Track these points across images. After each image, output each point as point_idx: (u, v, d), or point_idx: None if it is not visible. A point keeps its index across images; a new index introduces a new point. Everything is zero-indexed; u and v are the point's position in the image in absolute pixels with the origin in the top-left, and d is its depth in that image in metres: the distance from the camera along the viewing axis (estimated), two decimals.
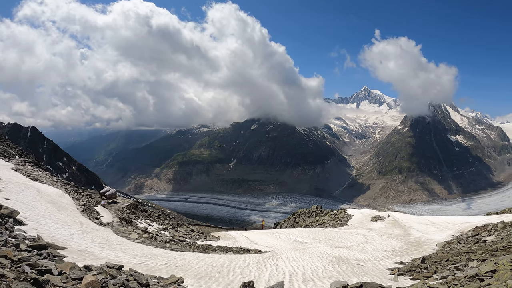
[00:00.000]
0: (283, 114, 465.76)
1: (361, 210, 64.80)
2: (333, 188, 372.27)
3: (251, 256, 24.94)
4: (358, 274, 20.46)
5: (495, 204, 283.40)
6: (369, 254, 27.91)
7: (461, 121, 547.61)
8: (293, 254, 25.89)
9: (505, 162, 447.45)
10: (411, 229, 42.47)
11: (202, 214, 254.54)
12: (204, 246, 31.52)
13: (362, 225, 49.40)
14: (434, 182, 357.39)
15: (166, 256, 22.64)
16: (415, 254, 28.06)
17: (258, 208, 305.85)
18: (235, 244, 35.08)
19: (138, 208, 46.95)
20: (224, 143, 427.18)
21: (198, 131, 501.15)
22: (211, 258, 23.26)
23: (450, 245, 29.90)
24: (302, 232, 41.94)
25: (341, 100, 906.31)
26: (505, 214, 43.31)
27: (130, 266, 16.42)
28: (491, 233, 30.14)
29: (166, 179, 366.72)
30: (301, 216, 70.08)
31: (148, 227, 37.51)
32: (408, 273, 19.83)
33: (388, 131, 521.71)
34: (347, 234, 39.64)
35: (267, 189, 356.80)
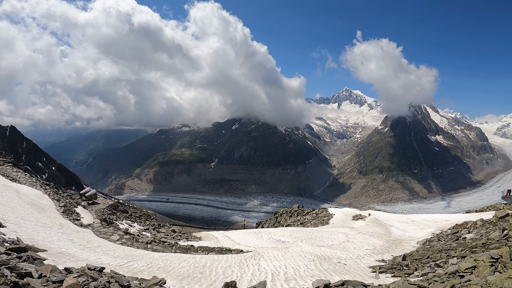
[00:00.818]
0: (264, 114, 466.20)
1: (342, 209, 65.10)
2: (314, 187, 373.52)
3: (233, 256, 24.93)
4: (340, 272, 20.56)
5: (474, 203, 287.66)
6: (350, 252, 28.08)
7: (440, 122, 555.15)
8: (275, 253, 25.94)
9: (484, 161, 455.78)
10: (392, 228, 42.82)
11: (183, 214, 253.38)
12: (186, 247, 31.41)
13: (344, 224, 49.68)
14: (414, 181, 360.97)
15: (147, 257, 22.49)
16: (396, 252, 28.32)
17: (239, 208, 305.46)
18: (217, 244, 35.04)
19: (119, 209, 46.50)
20: (206, 143, 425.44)
21: (180, 131, 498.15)
22: (193, 258, 23.17)
23: (430, 243, 30.24)
24: (284, 232, 42.05)
25: (323, 100, 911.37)
26: (484, 212, 43.90)
27: (112, 268, 16.27)
28: (470, 231, 30.55)
29: (147, 179, 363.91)
30: (283, 215, 70.19)
31: (129, 228, 37.18)
32: (390, 271, 19.98)
33: (369, 131, 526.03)
34: (329, 233, 39.82)
35: (249, 189, 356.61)
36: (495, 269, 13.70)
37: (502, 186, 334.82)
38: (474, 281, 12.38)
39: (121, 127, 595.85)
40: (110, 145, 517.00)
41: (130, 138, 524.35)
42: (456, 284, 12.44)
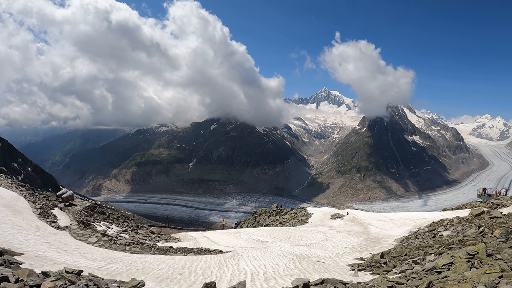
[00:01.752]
0: (243, 114, 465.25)
1: (320, 209, 65.42)
2: (293, 187, 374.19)
3: (212, 257, 24.89)
4: (319, 271, 20.68)
5: (450, 201, 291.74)
6: (329, 251, 28.23)
7: (417, 122, 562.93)
8: (254, 253, 25.97)
9: (460, 161, 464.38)
10: (370, 226, 43.17)
11: (162, 215, 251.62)
12: (165, 248, 31.24)
13: (322, 223, 49.87)
14: (392, 181, 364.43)
15: (126, 259, 22.32)
16: (374, 250, 28.56)
17: (218, 208, 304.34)
18: (196, 245, 34.92)
19: (96, 210, 46.03)
20: (184, 143, 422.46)
21: (158, 131, 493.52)
22: (172, 260, 23.08)
23: (408, 240, 30.59)
24: (262, 231, 42.08)
25: (301, 101, 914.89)
26: (460, 210, 44.53)
27: (90, 271, 16.15)
28: (447, 228, 30.97)
29: (125, 180, 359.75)
30: (262, 215, 70.26)
31: (107, 230, 36.85)
32: (368, 268, 20.16)
33: (347, 131, 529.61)
34: (308, 232, 39.97)
35: (227, 189, 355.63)
36: (472, 265, 13.93)
37: (478, 185, 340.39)
38: (451, 277, 12.57)
39: (98, 127, 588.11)
40: (87, 145, 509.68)
41: (107, 138, 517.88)
42: (433, 280, 12.59)
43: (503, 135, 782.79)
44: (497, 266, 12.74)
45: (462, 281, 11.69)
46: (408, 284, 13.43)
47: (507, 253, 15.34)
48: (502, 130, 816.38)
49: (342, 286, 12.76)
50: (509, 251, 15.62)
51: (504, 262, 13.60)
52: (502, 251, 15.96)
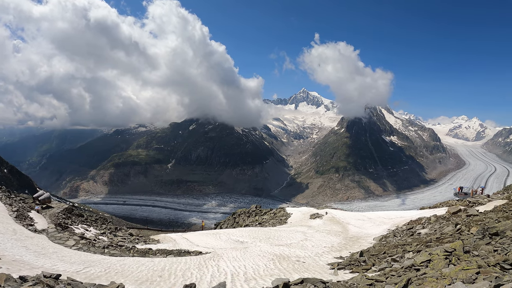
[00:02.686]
0: (222, 114, 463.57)
1: (300, 209, 65.69)
2: (272, 187, 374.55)
3: (192, 258, 24.79)
4: (299, 270, 20.75)
5: (428, 199, 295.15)
6: (309, 250, 28.35)
7: (395, 123, 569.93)
8: (234, 254, 25.94)
9: (437, 160, 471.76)
10: (349, 225, 43.50)
11: (141, 217, 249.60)
12: (144, 250, 31.04)
13: (301, 223, 50.06)
14: (370, 180, 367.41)
15: (105, 262, 22.08)
16: (353, 249, 28.78)
17: (197, 209, 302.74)
18: (175, 247, 34.76)
19: (74, 212, 45.42)
20: (162, 144, 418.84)
21: (136, 131, 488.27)
22: (151, 262, 22.92)
23: (386, 239, 30.90)
24: (242, 232, 42.08)
25: (280, 101, 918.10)
26: (437, 208, 45.16)
27: (68, 275, 15.91)
28: (424, 226, 31.39)
29: (103, 181, 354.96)
30: (241, 216, 70.24)
31: (85, 233, 36.39)
32: (348, 267, 20.30)
33: (325, 131, 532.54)
34: (287, 232, 40.09)
35: (206, 189, 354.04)
36: (449, 261, 14.12)
37: (454, 184, 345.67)
38: (430, 274, 12.72)
39: (75, 127, 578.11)
40: (64, 146, 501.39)
41: (85, 139, 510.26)
42: (412, 277, 12.72)
43: (479, 135, 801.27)
44: (474, 263, 12.92)
45: (440, 278, 11.83)
46: (387, 282, 13.54)
47: (484, 249, 15.60)
48: (478, 130, 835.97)
49: (322, 285, 12.81)
50: (486, 247, 15.87)
51: (481, 259, 13.82)
52: (479, 247, 16.22)
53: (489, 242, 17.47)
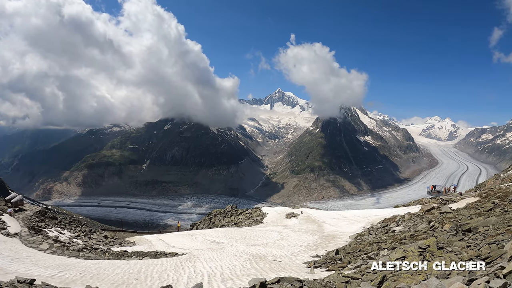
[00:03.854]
0: (197, 114, 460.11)
1: (275, 208, 65.74)
2: (247, 187, 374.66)
3: (168, 260, 24.65)
4: (275, 269, 20.79)
5: (402, 198, 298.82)
6: (285, 250, 28.44)
7: (369, 123, 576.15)
8: (211, 254, 25.89)
9: (410, 160, 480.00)
10: (324, 224, 43.70)
11: (116, 218, 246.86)
12: (120, 253, 30.73)
13: (277, 223, 50.16)
14: (345, 180, 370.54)
15: (80, 265, 21.77)
16: (329, 247, 28.95)
17: (173, 210, 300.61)
18: (151, 248, 34.55)
19: (47, 215, 44.71)
20: (137, 144, 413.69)
21: (110, 131, 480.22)
22: (127, 264, 22.69)
23: (361, 237, 31.18)
24: (218, 232, 42.01)
25: (255, 102, 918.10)
26: (411, 206, 45.86)
27: (43, 279, 15.70)
28: (399, 224, 31.79)
29: (76, 182, 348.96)
30: (217, 216, 70.09)
31: (59, 236, 35.83)
32: (324, 265, 20.42)
33: (301, 131, 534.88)
34: (263, 231, 40.13)
35: (182, 190, 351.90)
36: (424, 258, 14.34)
37: (428, 182, 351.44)
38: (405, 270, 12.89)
39: (48, 127, 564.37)
40: (36, 147, 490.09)
41: (58, 139, 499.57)
42: (387, 274, 12.87)
43: (452, 135, 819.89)
44: (448, 258, 13.15)
45: (415, 274, 12.02)
46: (363, 279, 13.68)
47: (457, 245, 15.88)
48: (451, 130, 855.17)
49: (299, 283, 12.86)
50: (459, 243, 16.17)
51: (455, 254, 14.08)
52: (452, 244, 16.51)
53: (462, 238, 17.81)
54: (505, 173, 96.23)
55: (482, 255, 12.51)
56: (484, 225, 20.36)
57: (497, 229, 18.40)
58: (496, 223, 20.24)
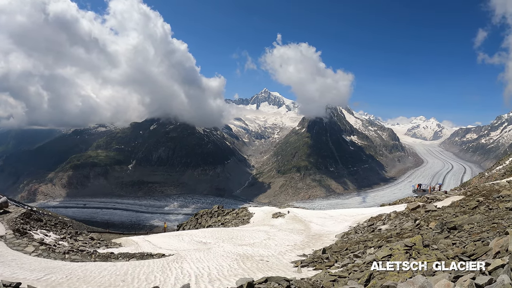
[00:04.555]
0: (183, 114, 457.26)
1: (262, 208, 65.84)
2: (234, 187, 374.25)
3: (155, 261, 24.55)
4: (263, 269, 20.82)
5: (388, 197, 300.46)
6: (272, 249, 28.48)
7: (355, 123, 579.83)
8: (198, 255, 25.83)
9: (396, 159, 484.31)
10: (311, 223, 43.90)
11: (102, 220, 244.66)
12: (106, 254, 30.48)
13: (264, 222, 50.24)
14: (331, 179, 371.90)
15: (66, 268, 21.58)
16: (316, 246, 29.07)
17: (159, 211, 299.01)
18: (138, 250, 34.35)
19: (32, 217, 44.16)
20: (123, 144, 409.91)
21: (95, 131, 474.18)
22: (114, 266, 22.55)
23: (348, 236, 31.38)
24: (205, 233, 41.92)
25: (241, 101, 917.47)
26: (397, 205, 46.29)
27: (28, 283, 15.52)
28: (385, 222, 32.05)
29: (62, 183, 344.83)
30: (203, 216, 69.99)
31: (45, 238, 35.42)
32: (311, 264, 20.49)
33: (287, 131, 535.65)
34: (250, 231, 40.14)
35: (168, 190, 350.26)
36: (410, 256, 14.47)
37: (413, 181, 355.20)
38: None
39: (33, 127, 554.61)
40: (21, 147, 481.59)
41: (43, 139, 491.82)
42: (374, 272, 12.94)
43: (437, 135, 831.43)
44: (434, 256, 13.27)
45: (402, 271, 12.10)
46: (350, 277, 13.75)
47: (443, 243, 16.05)
48: (436, 130, 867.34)
49: (286, 283, 12.88)
50: (445, 241, 16.33)
51: (440, 252, 14.22)
52: (438, 241, 16.69)
53: (447, 236, 18.00)
54: (490, 171, 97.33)
55: (468, 252, 12.63)
56: (469, 222, 20.58)
57: (482, 227, 18.62)
58: (481, 220, 20.48)
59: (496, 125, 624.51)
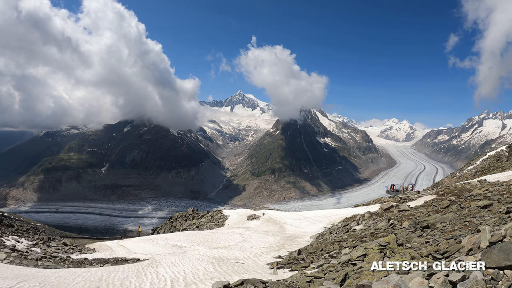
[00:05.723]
0: (157, 116, 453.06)
1: (236, 210, 65.81)
2: (208, 190, 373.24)
3: (130, 266, 24.26)
4: (239, 272, 20.79)
5: (362, 197, 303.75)
6: (248, 252, 28.47)
7: (329, 125, 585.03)
8: (173, 259, 25.66)
9: (369, 160, 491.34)
10: (286, 225, 44.05)
11: (75, 225, 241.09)
12: (80, 260, 30.08)
13: (239, 225, 50.24)
14: (305, 181, 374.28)
15: (39, 275, 21.15)
16: (291, 248, 29.17)
17: (133, 214, 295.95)
18: (112, 255, 34.00)
19: (3, 223, 43.37)
20: (96, 147, 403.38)
21: (68, 133, 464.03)
22: (88, 272, 22.19)
23: (323, 236, 31.57)
24: (180, 236, 41.67)
25: (216, 103, 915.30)
26: (371, 205, 46.78)
27: None
28: (359, 223, 32.37)
29: (33, 187, 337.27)
30: (178, 220, 69.61)
31: (17, 244, 34.76)
32: (287, 266, 20.58)
33: (261, 134, 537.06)
34: (225, 234, 40.08)
35: (142, 194, 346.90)
36: (384, 255, 14.66)
37: (386, 182, 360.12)
38: (366, 267, 13.14)
39: (4, 129, 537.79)
40: None
41: (13, 141, 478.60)
42: (349, 272, 13.06)
43: (409, 136, 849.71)
44: (408, 254, 13.46)
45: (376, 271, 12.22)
46: (326, 277, 13.84)
47: (416, 241, 16.30)
48: (408, 132, 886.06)
49: (262, 285, 12.88)
50: (418, 240, 16.59)
51: (414, 250, 14.43)
52: (411, 240, 16.94)
53: (420, 235, 18.29)
54: (461, 171, 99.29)
55: (441, 250, 12.84)
56: (442, 221, 20.93)
57: (454, 225, 18.97)
58: (453, 219, 20.84)
59: (467, 126, 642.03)
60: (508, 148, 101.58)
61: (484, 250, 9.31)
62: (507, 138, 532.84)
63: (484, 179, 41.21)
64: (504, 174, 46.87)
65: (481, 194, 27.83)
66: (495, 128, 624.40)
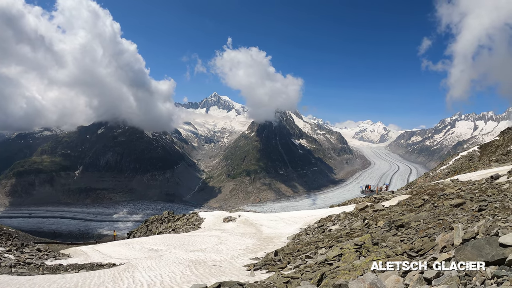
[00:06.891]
0: (132, 118, 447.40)
1: (212, 213, 65.67)
2: (184, 192, 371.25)
3: (105, 271, 24.05)
4: (216, 274, 20.75)
5: (337, 198, 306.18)
6: (224, 254, 28.43)
7: (304, 127, 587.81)
8: (149, 263, 25.51)
9: (344, 161, 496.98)
10: (262, 226, 44.11)
11: (49, 230, 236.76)
12: (54, 266, 29.67)
13: (215, 227, 50.15)
14: (281, 182, 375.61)
15: (13, 283, 20.80)
16: (268, 249, 29.21)
17: (108, 218, 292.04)
18: (87, 260, 33.63)
19: None
20: (69, 149, 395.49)
21: (41, 135, 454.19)
22: (63, 279, 21.91)
23: (299, 237, 31.73)
24: (156, 240, 41.43)
25: (191, 105, 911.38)
26: (346, 206, 47.22)
27: None
28: (335, 223, 32.61)
29: (5, 191, 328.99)
30: (154, 223, 69.10)
31: None
32: (264, 267, 20.61)
33: (236, 135, 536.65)
34: (201, 237, 39.96)
35: (116, 197, 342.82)
36: (360, 254, 14.85)
37: (361, 182, 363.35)
38: (342, 267, 13.29)
39: None
40: None
41: None
42: (326, 272, 13.18)
43: (383, 138, 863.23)
44: (383, 253, 13.64)
45: (352, 270, 12.37)
46: (303, 278, 13.94)
47: (391, 240, 16.53)
48: (382, 133, 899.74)
49: (239, 287, 12.91)
50: (393, 238, 16.82)
51: (389, 249, 14.63)
52: (386, 239, 17.17)
53: (395, 234, 18.56)
54: (434, 171, 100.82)
55: (415, 248, 13.06)
56: (416, 220, 21.27)
57: (428, 223, 19.30)
58: (427, 217, 21.20)
59: (440, 128, 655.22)
60: (479, 149, 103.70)
61: (458, 247, 9.51)
62: (479, 138, 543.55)
63: (456, 179, 41.92)
64: (476, 173, 47.74)
65: (454, 193, 28.30)
66: (467, 129, 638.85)
